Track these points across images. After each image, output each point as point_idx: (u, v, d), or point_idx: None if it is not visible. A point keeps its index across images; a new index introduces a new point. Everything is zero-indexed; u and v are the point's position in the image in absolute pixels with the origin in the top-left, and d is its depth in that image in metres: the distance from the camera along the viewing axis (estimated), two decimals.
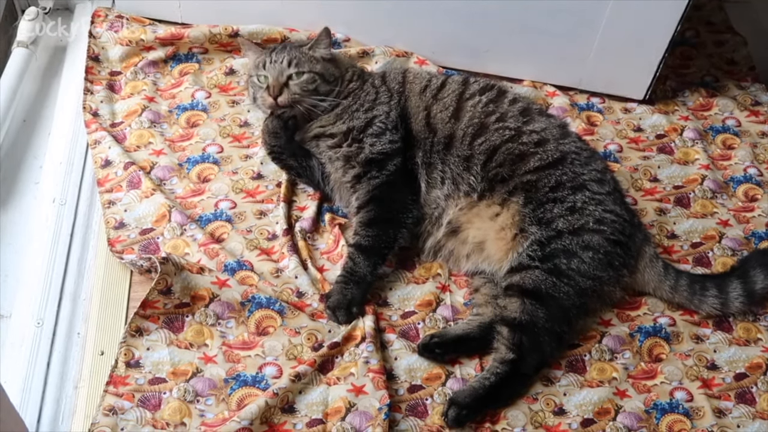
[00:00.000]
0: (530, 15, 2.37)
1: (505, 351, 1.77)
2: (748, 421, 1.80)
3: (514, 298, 1.81)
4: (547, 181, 1.90)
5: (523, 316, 1.78)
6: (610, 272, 1.88)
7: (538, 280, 1.81)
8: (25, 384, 1.72)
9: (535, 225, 1.86)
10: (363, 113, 2.05)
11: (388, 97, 2.09)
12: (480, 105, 2.03)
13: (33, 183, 2.14)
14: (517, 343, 1.77)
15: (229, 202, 2.09)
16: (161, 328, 1.78)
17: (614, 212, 1.91)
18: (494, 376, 1.75)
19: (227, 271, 1.91)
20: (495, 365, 1.77)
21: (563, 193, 1.89)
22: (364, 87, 2.11)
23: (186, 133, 2.25)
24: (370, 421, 1.69)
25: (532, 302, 1.79)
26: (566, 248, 1.84)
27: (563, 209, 1.87)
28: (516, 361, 1.76)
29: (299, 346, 1.82)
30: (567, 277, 1.82)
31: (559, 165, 1.93)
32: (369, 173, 1.99)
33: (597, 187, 1.92)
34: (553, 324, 1.80)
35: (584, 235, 1.85)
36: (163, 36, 2.42)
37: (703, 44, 2.77)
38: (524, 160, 1.93)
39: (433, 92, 2.08)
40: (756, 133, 2.50)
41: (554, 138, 1.98)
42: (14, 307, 1.87)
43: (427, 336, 1.84)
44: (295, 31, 2.47)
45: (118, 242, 1.96)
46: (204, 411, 1.69)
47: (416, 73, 2.17)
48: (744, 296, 1.93)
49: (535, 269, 1.82)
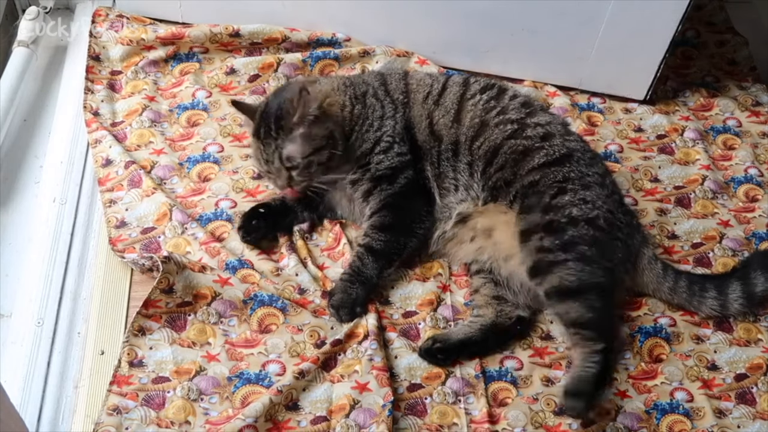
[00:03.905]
0: (531, 15, 2.37)
1: (592, 344, 1.76)
2: (749, 422, 1.80)
3: (569, 301, 1.79)
4: (554, 176, 1.87)
5: (588, 314, 1.77)
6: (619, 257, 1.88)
7: (576, 273, 1.78)
8: (25, 383, 1.72)
9: (527, 211, 1.84)
10: (372, 134, 1.96)
11: (393, 109, 2.00)
12: (480, 103, 2.00)
13: (33, 182, 2.14)
14: (598, 334, 1.77)
15: (230, 201, 2.09)
16: (164, 327, 1.78)
17: (614, 214, 1.91)
18: (597, 364, 1.74)
19: (229, 270, 1.91)
20: (590, 356, 1.75)
21: (574, 185, 1.87)
22: (367, 103, 1.99)
23: (186, 132, 2.25)
24: (374, 418, 1.69)
25: (585, 297, 1.78)
26: (583, 236, 1.81)
27: (575, 198, 1.85)
28: (605, 347, 1.76)
29: (302, 343, 1.82)
30: (595, 262, 1.80)
31: (566, 162, 1.90)
32: (379, 186, 1.95)
33: (599, 190, 1.91)
34: (609, 301, 1.82)
35: (596, 231, 1.83)
36: (164, 35, 2.42)
37: (704, 44, 2.77)
38: (529, 156, 1.90)
39: (434, 98, 2.02)
40: (757, 133, 2.50)
41: (560, 134, 1.97)
42: (14, 306, 1.87)
43: (429, 340, 1.83)
44: (296, 30, 2.47)
45: (120, 241, 1.96)
46: (208, 409, 1.69)
47: (419, 80, 2.07)
48: (743, 298, 1.92)
49: (565, 262, 1.79)
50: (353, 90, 2.00)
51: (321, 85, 1.99)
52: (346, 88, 2.00)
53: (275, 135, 1.87)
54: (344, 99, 1.97)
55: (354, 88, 2.01)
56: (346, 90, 1.99)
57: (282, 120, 1.87)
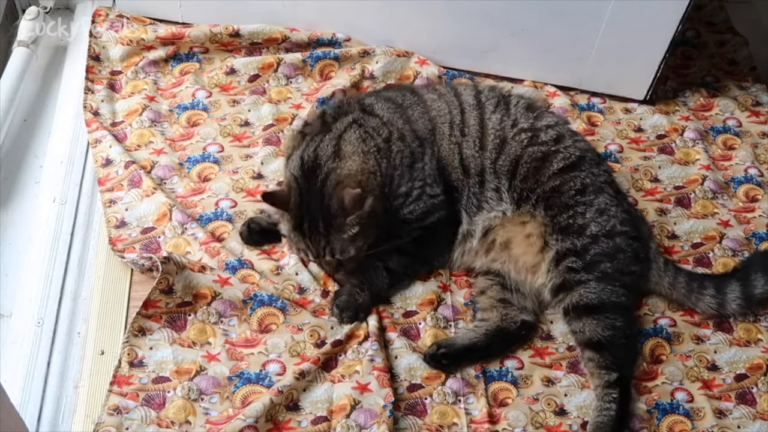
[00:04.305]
0: (531, 15, 2.36)
1: (606, 373, 1.76)
2: (749, 422, 1.80)
3: (585, 318, 1.80)
4: (573, 184, 1.88)
5: (604, 333, 1.78)
6: (640, 265, 1.90)
7: (597, 292, 1.80)
8: (25, 383, 1.72)
9: (561, 233, 1.84)
10: (404, 187, 1.86)
11: (421, 151, 1.89)
12: (497, 122, 1.96)
13: (33, 182, 2.14)
14: (612, 360, 1.77)
15: (230, 201, 2.09)
16: (164, 328, 1.78)
17: (627, 210, 1.94)
18: (614, 403, 1.73)
19: (228, 270, 1.91)
20: (606, 392, 1.75)
21: (590, 197, 1.88)
22: (393, 150, 1.86)
23: (186, 132, 2.25)
24: (375, 418, 1.69)
25: (605, 315, 1.79)
26: (605, 251, 1.83)
27: (593, 212, 1.86)
28: (620, 376, 1.76)
29: (302, 342, 1.82)
30: (616, 279, 1.82)
31: (581, 165, 1.91)
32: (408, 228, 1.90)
33: (610, 189, 1.93)
34: (629, 325, 1.82)
35: (615, 238, 1.85)
36: (164, 35, 2.41)
37: (704, 44, 2.76)
38: (547, 161, 1.90)
39: (459, 128, 1.93)
40: (757, 133, 2.50)
41: (568, 134, 1.98)
42: (14, 306, 1.87)
43: (434, 346, 1.82)
44: (296, 30, 2.47)
45: (120, 241, 1.96)
46: (208, 409, 1.69)
47: (439, 110, 1.95)
48: (742, 299, 1.92)
49: (587, 282, 1.81)
50: (376, 143, 1.85)
51: (350, 162, 1.80)
52: (370, 147, 1.84)
53: (325, 232, 1.77)
54: (374, 165, 1.83)
55: (376, 139, 1.86)
56: (371, 150, 1.84)
57: (332, 219, 1.76)
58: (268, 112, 2.31)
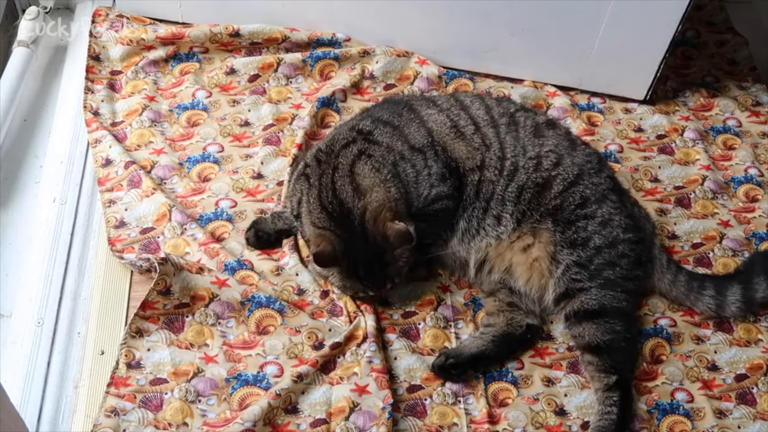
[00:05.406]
0: (531, 15, 2.36)
1: (605, 376, 1.77)
2: (749, 422, 1.80)
3: (585, 323, 1.81)
4: (572, 199, 1.88)
5: (603, 337, 1.78)
6: (643, 268, 1.91)
7: (598, 297, 1.82)
8: (25, 383, 1.72)
9: (568, 248, 1.85)
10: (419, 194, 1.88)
11: (424, 158, 1.90)
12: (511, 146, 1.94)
13: (33, 182, 2.14)
14: (611, 363, 1.77)
15: (230, 201, 2.09)
16: (161, 329, 1.78)
17: (631, 214, 1.94)
18: (615, 406, 1.74)
19: (227, 271, 1.91)
20: (606, 395, 1.75)
21: (591, 208, 1.88)
22: (399, 172, 1.87)
23: (186, 132, 2.25)
24: (374, 420, 1.69)
25: (605, 320, 1.80)
26: (608, 260, 1.85)
27: (596, 225, 1.87)
28: (620, 379, 1.76)
29: (300, 344, 1.81)
30: (618, 285, 1.84)
31: (581, 179, 1.91)
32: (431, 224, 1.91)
33: (614, 195, 1.93)
34: (629, 328, 1.82)
35: (618, 246, 1.86)
36: (164, 35, 2.41)
37: (704, 44, 2.76)
38: (548, 185, 1.89)
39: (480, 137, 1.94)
40: (757, 133, 2.49)
41: (567, 152, 1.96)
42: (14, 306, 1.87)
43: (441, 356, 1.82)
44: (296, 30, 2.47)
45: (119, 241, 1.96)
46: (206, 411, 1.69)
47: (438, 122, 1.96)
48: (742, 302, 1.92)
49: (589, 290, 1.82)
50: (388, 170, 1.86)
51: (374, 194, 1.81)
52: (385, 176, 1.85)
53: (380, 268, 1.81)
54: (396, 192, 1.84)
55: (387, 166, 1.87)
56: (387, 178, 1.85)
57: (384, 254, 1.80)
58: (268, 112, 2.31)
